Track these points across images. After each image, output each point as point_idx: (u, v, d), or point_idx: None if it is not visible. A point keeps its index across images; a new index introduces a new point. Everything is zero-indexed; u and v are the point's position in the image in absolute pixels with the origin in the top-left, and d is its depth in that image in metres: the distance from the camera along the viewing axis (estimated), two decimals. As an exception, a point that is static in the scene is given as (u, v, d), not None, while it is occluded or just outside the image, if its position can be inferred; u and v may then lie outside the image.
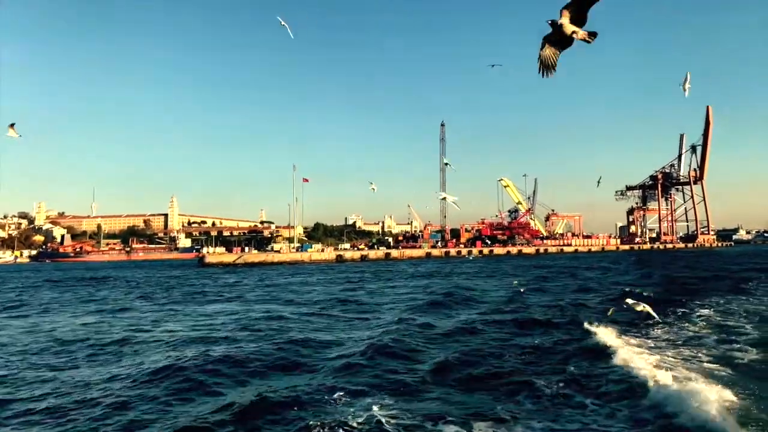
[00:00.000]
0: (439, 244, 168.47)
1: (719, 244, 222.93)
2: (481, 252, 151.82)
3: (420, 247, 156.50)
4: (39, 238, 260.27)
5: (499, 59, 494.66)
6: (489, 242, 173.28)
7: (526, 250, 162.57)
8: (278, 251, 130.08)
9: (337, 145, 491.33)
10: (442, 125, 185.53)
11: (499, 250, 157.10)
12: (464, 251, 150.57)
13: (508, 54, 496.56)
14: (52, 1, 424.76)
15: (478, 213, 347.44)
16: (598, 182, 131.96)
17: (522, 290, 35.95)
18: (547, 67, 7.69)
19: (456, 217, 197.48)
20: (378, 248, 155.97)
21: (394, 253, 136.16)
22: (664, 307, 24.67)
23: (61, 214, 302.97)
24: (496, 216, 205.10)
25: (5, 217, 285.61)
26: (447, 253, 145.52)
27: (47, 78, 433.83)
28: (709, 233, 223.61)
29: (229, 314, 28.69)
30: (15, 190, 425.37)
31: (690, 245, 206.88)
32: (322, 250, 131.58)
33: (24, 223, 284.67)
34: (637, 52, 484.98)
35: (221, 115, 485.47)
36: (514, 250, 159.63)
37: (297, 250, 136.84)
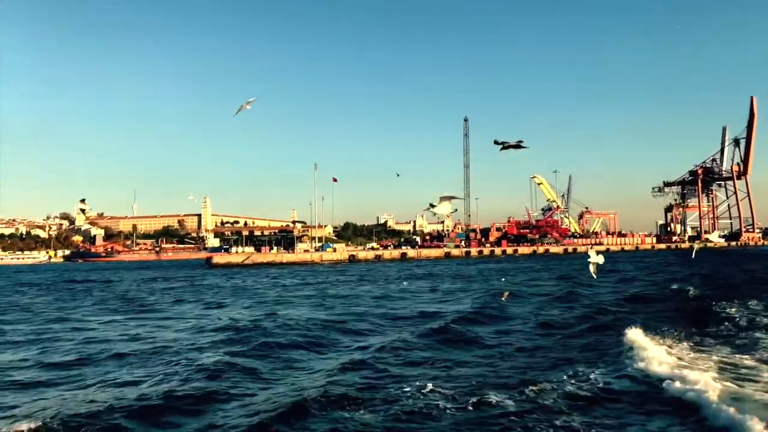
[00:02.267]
0: (463, 243, 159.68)
1: (765, 242, 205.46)
2: (504, 252, 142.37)
3: (444, 246, 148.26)
4: (78, 238, 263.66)
5: (521, 55, 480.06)
6: (514, 241, 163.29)
7: (554, 249, 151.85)
8: (288, 252, 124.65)
9: (368, 145, 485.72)
10: (466, 120, 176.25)
11: (524, 249, 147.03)
12: (486, 251, 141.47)
13: (530, 47, 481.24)
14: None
15: (513, 212, 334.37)
16: None
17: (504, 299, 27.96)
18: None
19: (488, 215, 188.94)
20: (402, 247, 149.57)
21: (411, 252, 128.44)
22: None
23: (101, 215, 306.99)
24: (532, 214, 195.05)
25: (48, 218, 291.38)
26: (468, 253, 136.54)
27: (88, 82, 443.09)
28: (754, 231, 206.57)
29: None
30: (60, 191, 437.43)
31: (733, 244, 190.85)
32: (334, 250, 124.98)
33: (65, 223, 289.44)
34: (675, 43, 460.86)
35: (254, 115, 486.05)
36: (540, 249, 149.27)
37: (317, 250, 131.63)
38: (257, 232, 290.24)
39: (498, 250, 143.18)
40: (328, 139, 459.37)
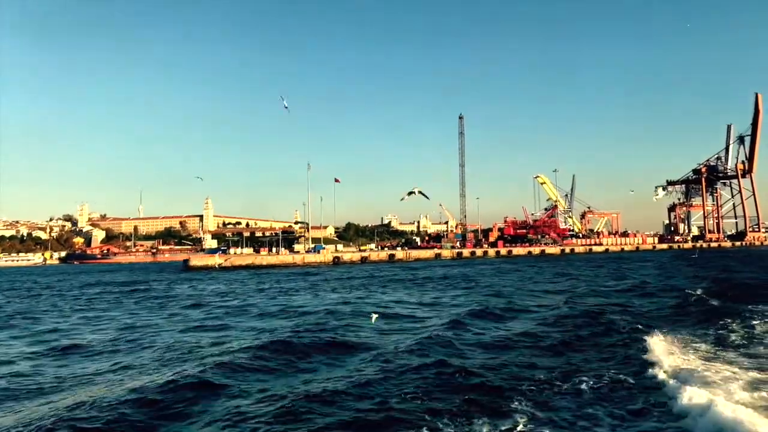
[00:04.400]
0: (458, 244, 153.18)
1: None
2: (498, 253, 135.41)
3: (440, 247, 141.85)
4: (79, 239, 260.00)
5: (526, 54, 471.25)
6: (511, 242, 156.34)
7: (550, 250, 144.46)
8: (271, 253, 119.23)
9: (373, 145, 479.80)
10: (461, 118, 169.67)
11: (519, 250, 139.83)
12: (479, 252, 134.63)
13: (530, 46, 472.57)
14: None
15: (518, 212, 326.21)
16: None
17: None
18: None
19: (493, 216, 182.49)
20: (398, 249, 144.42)
21: (399, 254, 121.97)
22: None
23: (103, 217, 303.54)
24: (532, 214, 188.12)
25: (51, 219, 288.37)
26: (459, 254, 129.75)
27: (94, 83, 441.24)
28: (759, 230, 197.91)
29: None
30: (65, 193, 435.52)
31: (737, 243, 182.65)
32: (318, 252, 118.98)
33: (67, 225, 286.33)
34: (679, 37, 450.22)
35: (259, 117, 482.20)
36: (536, 250, 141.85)
37: (308, 251, 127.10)
38: (258, 233, 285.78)
39: (492, 251, 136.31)
40: (333, 139, 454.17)
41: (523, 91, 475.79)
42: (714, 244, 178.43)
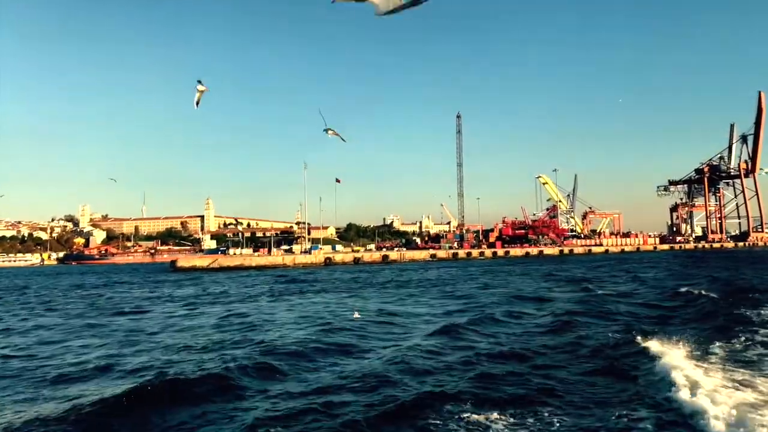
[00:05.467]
0: (456, 245, 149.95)
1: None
2: (495, 254, 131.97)
3: (439, 248, 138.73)
4: (80, 240, 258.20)
5: (526, 53, 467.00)
6: (510, 243, 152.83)
7: (548, 251, 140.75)
8: (261, 254, 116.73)
9: (373, 144, 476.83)
10: (458, 117, 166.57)
11: (516, 251, 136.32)
12: (475, 253, 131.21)
13: (530, 46, 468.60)
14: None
15: (519, 212, 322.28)
16: None
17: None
18: None
19: (492, 216, 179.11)
20: (395, 249, 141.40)
21: (393, 255, 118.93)
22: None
23: (105, 217, 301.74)
24: (534, 214, 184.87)
25: (53, 219, 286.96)
26: (455, 255, 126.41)
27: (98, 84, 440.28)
28: (763, 231, 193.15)
29: None
30: (69, 193, 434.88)
31: (740, 244, 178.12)
32: (310, 252, 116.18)
33: (69, 225, 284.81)
34: (679, 34, 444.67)
35: (259, 117, 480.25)
36: (533, 251, 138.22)
37: (303, 252, 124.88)
38: (259, 234, 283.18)
39: (488, 252, 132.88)
40: (332, 139, 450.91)
41: (524, 91, 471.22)
42: (717, 245, 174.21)
